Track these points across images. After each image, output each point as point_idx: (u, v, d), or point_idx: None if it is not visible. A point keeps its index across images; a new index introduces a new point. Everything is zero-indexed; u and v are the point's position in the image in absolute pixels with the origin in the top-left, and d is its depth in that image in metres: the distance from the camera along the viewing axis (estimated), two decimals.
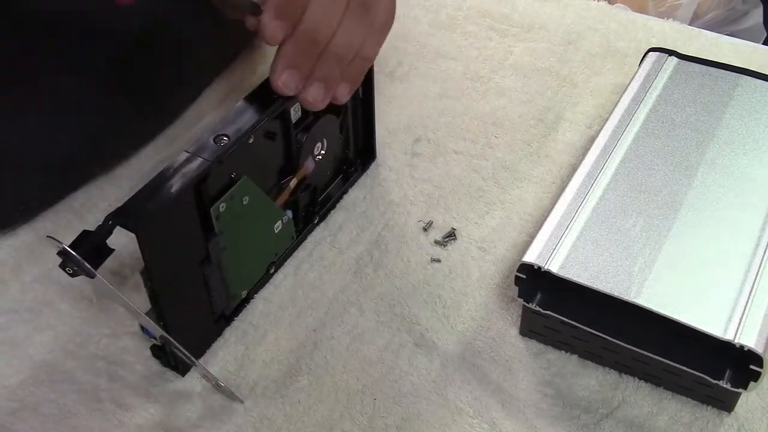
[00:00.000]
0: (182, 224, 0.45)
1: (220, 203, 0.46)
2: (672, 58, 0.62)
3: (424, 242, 0.57)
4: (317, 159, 0.54)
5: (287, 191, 0.52)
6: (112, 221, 0.41)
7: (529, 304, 0.48)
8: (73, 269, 0.40)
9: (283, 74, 0.46)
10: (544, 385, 0.49)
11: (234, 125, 0.46)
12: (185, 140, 0.63)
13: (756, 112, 0.56)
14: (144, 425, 0.47)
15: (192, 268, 0.47)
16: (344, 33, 0.46)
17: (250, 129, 0.46)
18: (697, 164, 0.53)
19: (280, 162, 0.51)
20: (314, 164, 0.53)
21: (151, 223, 0.42)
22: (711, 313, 0.44)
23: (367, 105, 0.58)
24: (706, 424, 0.47)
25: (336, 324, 0.52)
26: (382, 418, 0.47)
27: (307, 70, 0.46)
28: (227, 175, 0.46)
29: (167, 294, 0.45)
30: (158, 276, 0.44)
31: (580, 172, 0.53)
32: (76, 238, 0.41)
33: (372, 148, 0.61)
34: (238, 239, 0.49)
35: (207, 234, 0.46)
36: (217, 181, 0.45)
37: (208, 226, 0.46)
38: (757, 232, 0.48)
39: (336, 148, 0.56)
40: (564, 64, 0.70)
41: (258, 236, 0.51)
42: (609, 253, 0.47)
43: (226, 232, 0.47)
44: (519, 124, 0.65)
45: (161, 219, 0.42)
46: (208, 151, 0.44)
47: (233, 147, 0.45)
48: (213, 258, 0.47)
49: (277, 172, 0.51)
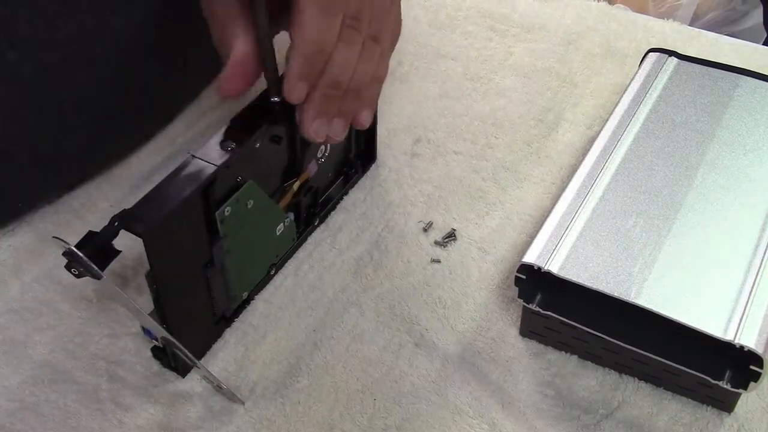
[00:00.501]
0: (188, 228, 0.45)
1: (226, 207, 0.46)
2: (672, 58, 0.62)
3: (424, 243, 0.57)
4: (320, 161, 0.54)
5: (290, 194, 0.52)
6: (118, 224, 0.41)
7: (529, 304, 0.48)
8: (79, 270, 0.40)
9: (313, 124, 0.47)
10: (544, 385, 0.49)
11: (242, 130, 0.46)
12: (185, 140, 0.63)
13: (756, 112, 0.56)
14: (144, 426, 0.47)
15: (196, 270, 0.47)
16: (361, 69, 0.47)
17: (258, 134, 0.46)
18: (697, 165, 0.53)
19: (283, 165, 0.51)
20: (317, 167, 0.53)
21: (158, 228, 0.41)
22: (711, 314, 0.44)
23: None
24: (706, 425, 0.47)
25: (336, 324, 0.52)
26: (382, 419, 0.47)
27: (333, 112, 0.48)
28: (233, 179, 0.46)
29: (171, 296, 0.45)
30: (163, 279, 0.44)
31: (580, 172, 0.53)
32: (82, 239, 0.41)
33: (373, 149, 0.61)
34: (241, 242, 0.49)
35: (212, 237, 0.46)
36: (224, 186, 0.45)
37: (213, 229, 0.46)
38: (757, 232, 0.48)
39: (338, 150, 0.57)
40: (564, 64, 0.70)
41: (261, 239, 0.52)
42: (609, 253, 0.47)
43: (230, 236, 0.47)
44: (519, 124, 0.65)
45: (168, 224, 0.42)
46: (216, 156, 0.44)
47: (241, 152, 0.45)
48: (216, 261, 0.47)
49: (280, 175, 0.51)
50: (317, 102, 0.47)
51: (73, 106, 0.53)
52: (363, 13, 0.45)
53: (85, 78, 0.53)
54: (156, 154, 0.62)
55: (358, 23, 0.45)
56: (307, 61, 0.44)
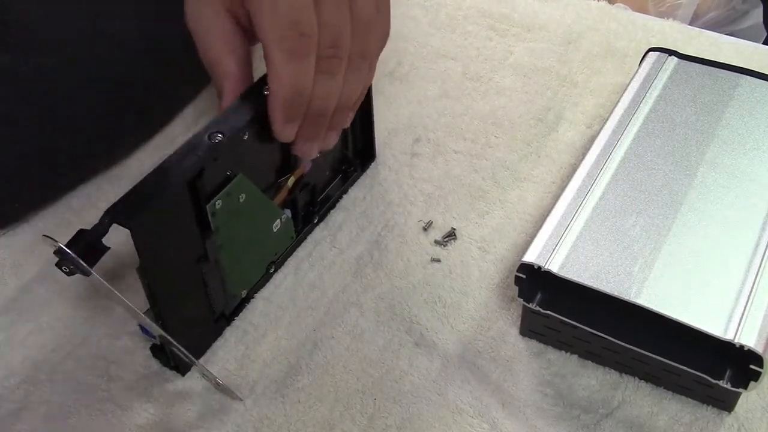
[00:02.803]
0: (178, 221, 0.45)
1: (216, 200, 0.46)
2: (672, 58, 0.61)
3: (424, 242, 0.57)
4: (315, 158, 0.54)
5: (285, 190, 0.52)
6: (108, 219, 0.41)
7: (529, 304, 0.48)
8: (69, 268, 0.41)
9: (304, 147, 0.48)
10: (544, 385, 0.49)
11: (229, 122, 0.46)
12: (184, 140, 0.63)
13: (756, 112, 0.56)
14: (144, 425, 0.47)
15: (189, 266, 0.47)
16: (348, 88, 0.47)
17: (245, 126, 0.46)
18: (697, 164, 0.53)
19: (277, 160, 0.51)
20: (311, 163, 0.53)
21: (144, 218, 0.42)
22: (711, 313, 0.44)
23: (365, 105, 0.58)
24: (706, 424, 0.47)
25: (336, 324, 0.52)
26: (382, 418, 0.47)
27: (322, 131, 0.48)
28: (223, 172, 0.46)
29: (164, 292, 0.45)
30: (153, 273, 0.44)
31: (580, 172, 0.53)
32: (72, 237, 0.41)
33: (371, 147, 0.61)
34: (235, 237, 0.49)
35: (204, 231, 0.46)
36: (213, 178, 0.45)
37: (205, 223, 0.46)
38: (757, 232, 0.48)
39: (334, 148, 0.56)
40: (564, 64, 0.70)
41: (256, 235, 0.52)
42: (609, 253, 0.47)
43: (223, 230, 0.47)
44: (519, 123, 0.65)
45: (155, 215, 0.42)
46: (202, 148, 0.44)
47: (228, 143, 0.45)
48: (210, 256, 0.47)
49: (274, 170, 0.51)
50: (306, 130, 0.47)
51: (69, 108, 0.53)
52: (342, 38, 0.45)
53: (81, 80, 0.53)
54: (156, 155, 0.62)
55: (338, 51, 0.45)
56: (288, 104, 0.45)
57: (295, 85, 0.44)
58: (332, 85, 0.46)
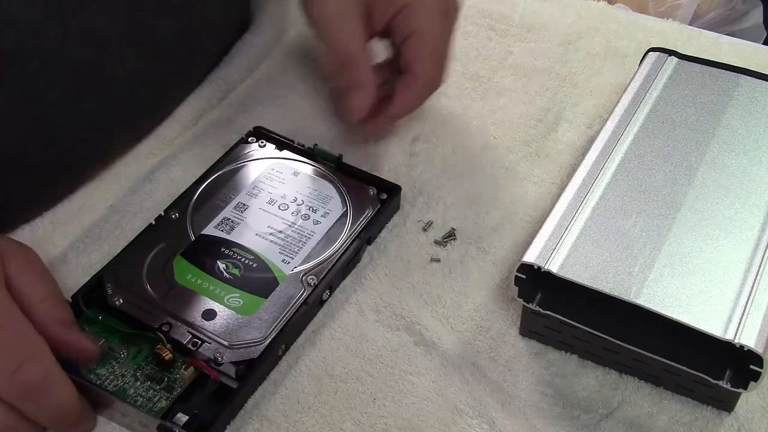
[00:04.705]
0: None
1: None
2: (672, 58, 0.61)
3: (423, 242, 0.57)
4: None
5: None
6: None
7: (528, 304, 0.47)
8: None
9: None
10: (544, 385, 0.49)
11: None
12: (183, 141, 0.62)
13: (756, 112, 0.56)
14: None
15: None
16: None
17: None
18: (697, 164, 0.53)
19: None
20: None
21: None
22: (711, 313, 0.44)
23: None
24: (706, 424, 0.47)
25: (336, 324, 0.52)
26: (382, 418, 0.47)
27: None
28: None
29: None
30: None
31: (580, 172, 0.53)
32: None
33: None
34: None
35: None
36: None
37: None
38: (757, 232, 0.48)
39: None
40: (564, 64, 0.70)
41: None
42: (609, 253, 0.47)
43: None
44: (519, 124, 0.65)
45: None
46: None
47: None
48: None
49: None
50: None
51: (60, 109, 0.53)
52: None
53: (72, 80, 0.53)
54: (155, 155, 0.61)
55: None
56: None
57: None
58: (439, 59, 0.60)
